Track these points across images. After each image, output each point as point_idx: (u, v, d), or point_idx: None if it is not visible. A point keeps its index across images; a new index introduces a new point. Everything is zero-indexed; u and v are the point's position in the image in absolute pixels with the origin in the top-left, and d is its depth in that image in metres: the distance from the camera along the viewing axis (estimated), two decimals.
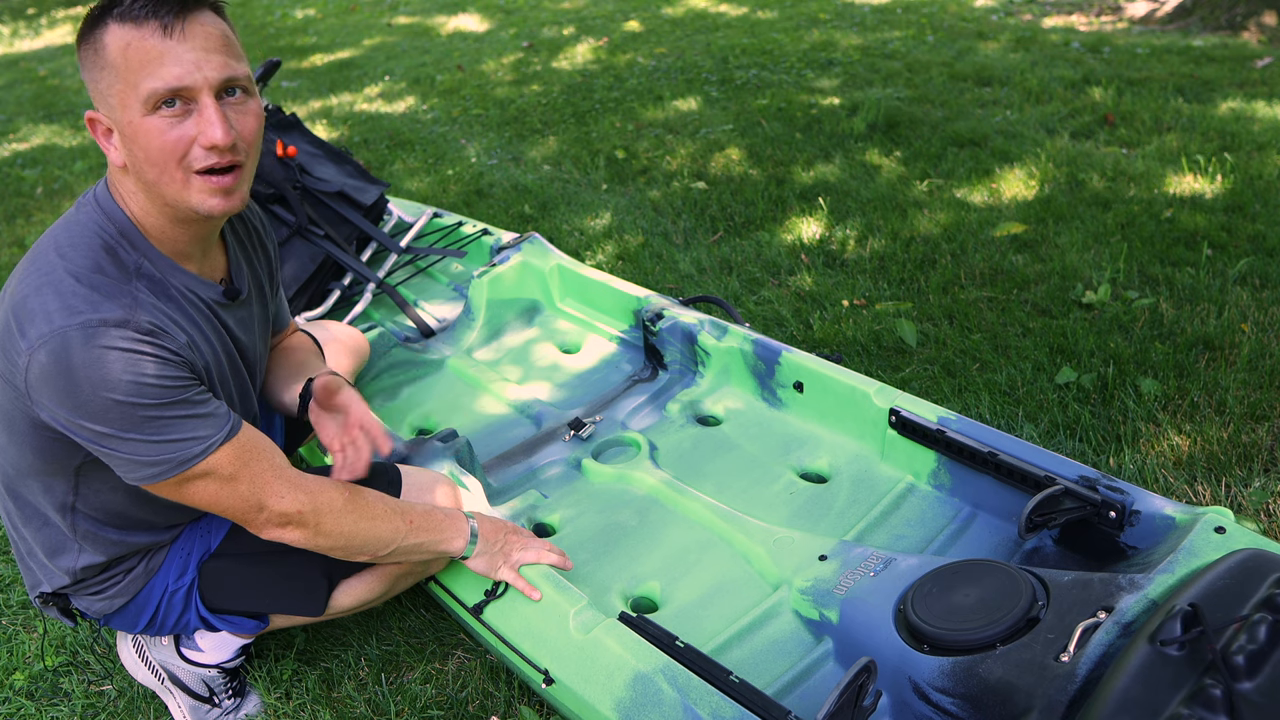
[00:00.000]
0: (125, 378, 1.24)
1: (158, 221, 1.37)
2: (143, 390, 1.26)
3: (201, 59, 1.25)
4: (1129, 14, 6.23)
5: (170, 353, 1.30)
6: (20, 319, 1.26)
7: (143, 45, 1.24)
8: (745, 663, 1.55)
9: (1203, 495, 2.04)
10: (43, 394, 1.26)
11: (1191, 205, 3.32)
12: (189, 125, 1.27)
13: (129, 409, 1.25)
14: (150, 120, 1.26)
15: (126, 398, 1.25)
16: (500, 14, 7.96)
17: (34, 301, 1.25)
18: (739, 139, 4.40)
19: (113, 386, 1.24)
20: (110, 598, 1.56)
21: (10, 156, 5.64)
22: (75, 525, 1.47)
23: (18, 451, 1.39)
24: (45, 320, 1.23)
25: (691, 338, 2.24)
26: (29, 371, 1.25)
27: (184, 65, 1.24)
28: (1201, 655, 1.11)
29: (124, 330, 1.25)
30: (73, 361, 1.23)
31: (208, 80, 1.26)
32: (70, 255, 1.30)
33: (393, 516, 1.52)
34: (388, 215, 2.92)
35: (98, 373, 1.23)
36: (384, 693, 1.79)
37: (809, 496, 1.90)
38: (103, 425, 1.26)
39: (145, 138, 1.26)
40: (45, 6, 11.87)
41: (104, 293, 1.27)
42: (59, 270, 1.28)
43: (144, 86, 1.24)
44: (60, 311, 1.24)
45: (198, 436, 1.32)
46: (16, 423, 1.35)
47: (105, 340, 1.23)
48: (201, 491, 1.36)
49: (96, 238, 1.33)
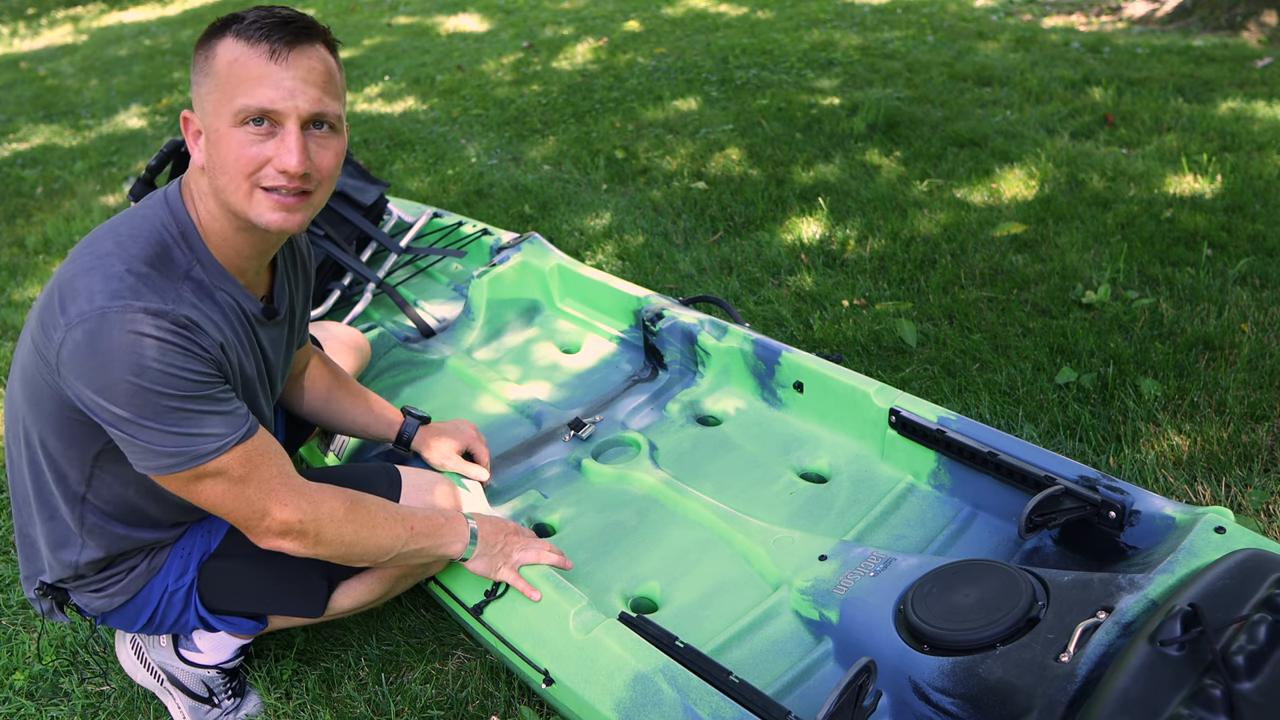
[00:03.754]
0: (153, 365, 1.26)
1: (222, 227, 1.40)
2: (168, 380, 1.28)
3: (298, 88, 1.30)
4: (1129, 14, 6.23)
5: (201, 348, 1.32)
6: (64, 296, 1.28)
7: (248, 63, 1.29)
8: (745, 663, 1.55)
9: (1203, 495, 2.04)
10: (71, 371, 1.28)
11: (1191, 205, 3.32)
12: (269, 146, 1.31)
13: (152, 396, 1.27)
14: (235, 132, 1.31)
15: (151, 385, 1.27)
16: (500, 14, 7.96)
17: (80, 281, 1.28)
18: (739, 139, 4.40)
19: (140, 372, 1.26)
20: (110, 595, 1.56)
21: (10, 156, 5.65)
22: (83, 518, 1.48)
23: (39, 432, 1.41)
24: (88, 299, 1.26)
25: (691, 338, 2.24)
26: (63, 347, 1.27)
27: (280, 90, 1.30)
28: (1201, 655, 1.11)
29: (160, 320, 1.28)
30: (106, 343, 1.25)
31: (297, 109, 1.31)
32: (127, 244, 1.33)
33: (393, 524, 1.52)
34: (388, 215, 2.92)
35: (128, 356, 1.25)
36: (384, 693, 1.79)
37: (809, 496, 1.90)
38: (124, 409, 1.28)
39: (226, 146, 1.31)
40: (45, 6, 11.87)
41: (149, 284, 1.30)
42: (112, 256, 1.31)
43: (238, 100, 1.29)
44: (103, 293, 1.26)
45: (215, 433, 1.33)
46: (44, 400, 1.37)
47: (140, 326, 1.26)
48: (209, 490, 1.37)
49: (156, 234, 1.36)
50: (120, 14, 10.68)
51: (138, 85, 7.06)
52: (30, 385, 1.39)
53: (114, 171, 5.13)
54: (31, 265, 3.95)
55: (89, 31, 9.86)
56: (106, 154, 5.46)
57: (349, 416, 1.93)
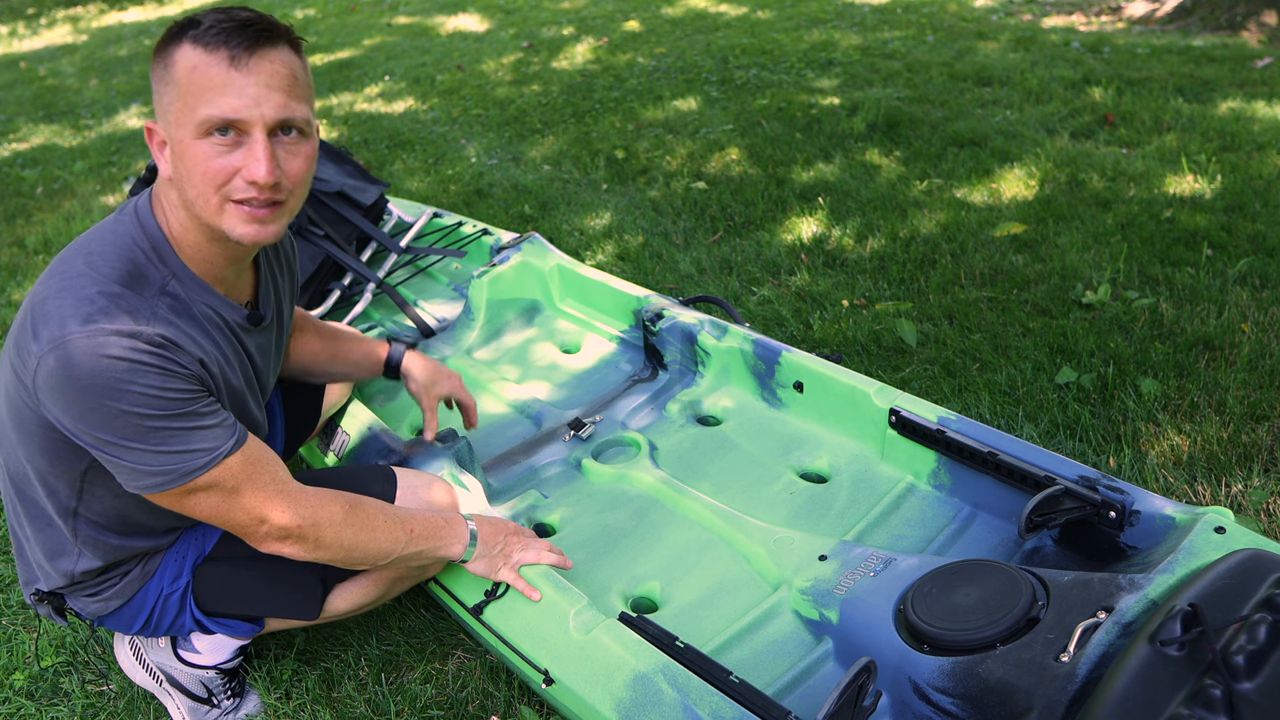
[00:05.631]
0: (131, 388, 1.24)
1: (195, 239, 1.36)
2: (148, 401, 1.26)
3: (262, 95, 1.25)
4: (1129, 14, 6.23)
5: (179, 365, 1.29)
6: (36, 320, 1.26)
7: (208, 71, 1.24)
8: (745, 663, 1.55)
9: (1203, 495, 2.04)
10: (48, 397, 1.26)
11: (1191, 205, 3.32)
12: (236, 156, 1.27)
13: (133, 419, 1.25)
14: (200, 144, 1.26)
15: (131, 408, 1.25)
16: (500, 14, 7.96)
17: (52, 304, 1.26)
18: (739, 139, 4.40)
19: (117, 396, 1.24)
20: (106, 599, 1.56)
21: (10, 156, 5.65)
22: (76, 529, 1.47)
23: (26, 451, 1.40)
24: (59, 324, 1.23)
25: (691, 338, 2.24)
26: (38, 373, 1.25)
27: (243, 99, 1.24)
28: (1201, 655, 1.11)
29: (135, 341, 1.25)
30: (79, 368, 1.23)
31: (263, 117, 1.26)
32: (98, 264, 1.30)
33: (392, 526, 1.51)
34: (388, 215, 2.92)
35: (103, 381, 1.23)
36: (384, 693, 1.79)
37: (809, 496, 1.90)
38: (106, 433, 1.26)
39: (192, 159, 1.27)
40: (45, 6, 11.87)
41: (122, 305, 1.27)
42: (84, 277, 1.28)
43: (200, 111, 1.24)
44: (75, 317, 1.23)
45: (203, 449, 1.31)
46: (26, 421, 1.36)
47: (112, 350, 1.23)
48: (204, 503, 1.36)
49: (127, 251, 1.33)
50: (120, 14, 10.68)
51: (138, 85, 7.07)
52: (12, 406, 1.37)
53: (114, 171, 5.13)
54: (31, 265, 3.95)
55: (89, 31, 9.87)
56: (106, 154, 5.46)
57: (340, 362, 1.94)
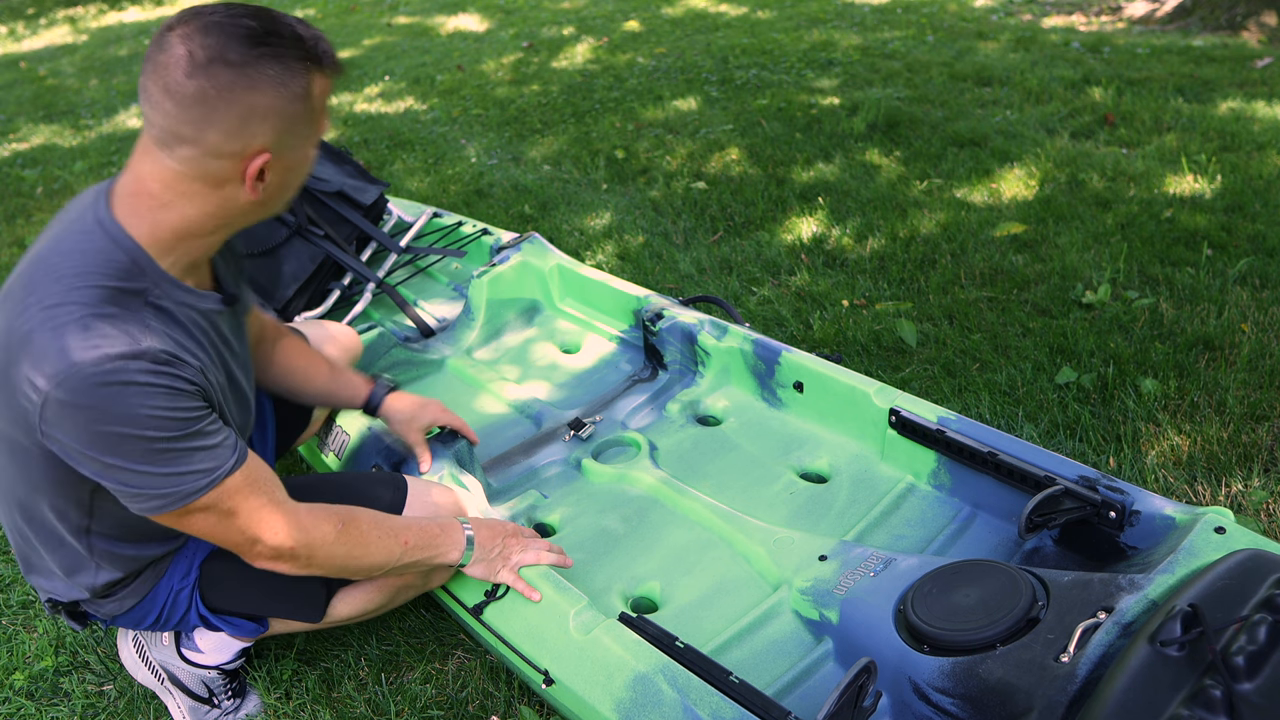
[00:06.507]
0: (143, 411, 1.24)
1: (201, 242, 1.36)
2: (160, 423, 1.26)
3: None
4: (1129, 14, 6.23)
5: (186, 382, 1.29)
6: (28, 357, 1.24)
7: (328, 93, 1.37)
8: (745, 663, 1.55)
9: (1203, 495, 2.04)
10: (58, 430, 1.25)
11: (1191, 205, 3.32)
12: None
13: (144, 442, 1.26)
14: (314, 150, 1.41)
15: (143, 431, 1.25)
16: (500, 14, 7.96)
17: (42, 339, 1.23)
18: (739, 139, 4.40)
19: (131, 421, 1.24)
20: (120, 600, 1.57)
21: (10, 156, 5.64)
22: (92, 546, 1.48)
23: (28, 482, 1.40)
24: (59, 357, 1.22)
25: (691, 338, 2.24)
26: (45, 409, 1.24)
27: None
28: (1201, 656, 1.11)
29: (140, 361, 1.24)
30: (91, 397, 1.22)
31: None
32: (78, 288, 1.27)
33: (386, 540, 1.52)
34: (387, 215, 2.92)
35: (116, 407, 1.23)
36: (384, 693, 1.79)
37: (809, 496, 1.90)
38: (114, 458, 1.26)
39: (308, 164, 1.40)
40: (45, 6, 11.86)
41: (117, 325, 1.26)
42: (69, 305, 1.25)
43: (325, 123, 1.39)
44: (76, 348, 1.22)
45: (204, 469, 1.32)
46: (24, 455, 1.34)
47: (123, 375, 1.23)
48: (200, 523, 1.38)
49: (104, 267, 1.30)
50: (119, 14, 10.67)
51: (137, 85, 7.06)
52: (6, 443, 1.36)
53: (114, 171, 5.09)
54: None
55: (89, 31, 9.86)
56: (106, 154, 5.46)
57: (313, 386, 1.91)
